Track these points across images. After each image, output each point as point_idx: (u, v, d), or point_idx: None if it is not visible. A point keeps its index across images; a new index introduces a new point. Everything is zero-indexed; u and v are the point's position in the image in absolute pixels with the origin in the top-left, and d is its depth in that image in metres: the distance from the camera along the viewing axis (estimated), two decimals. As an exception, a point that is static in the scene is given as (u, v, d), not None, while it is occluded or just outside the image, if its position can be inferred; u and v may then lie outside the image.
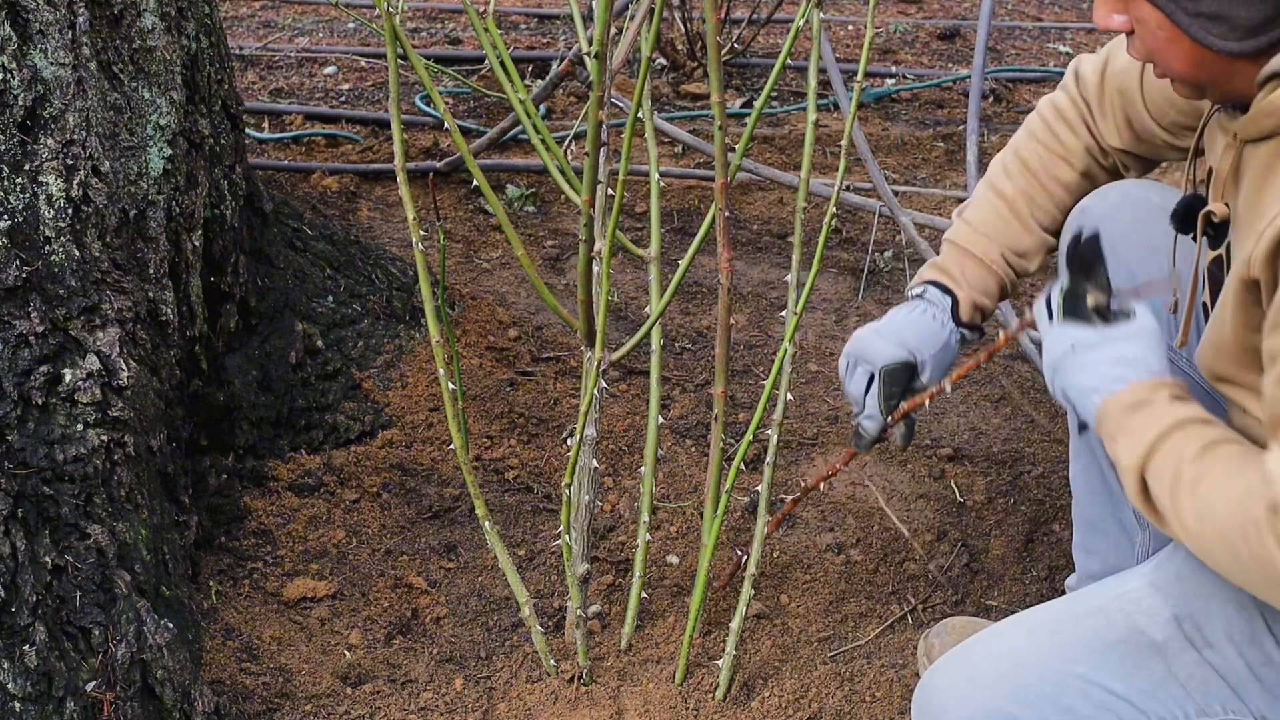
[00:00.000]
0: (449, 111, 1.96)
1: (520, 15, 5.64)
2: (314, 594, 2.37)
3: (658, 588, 2.42)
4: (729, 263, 1.89)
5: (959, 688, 1.57)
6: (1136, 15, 1.47)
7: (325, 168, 3.80)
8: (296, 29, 5.40)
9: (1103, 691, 1.51)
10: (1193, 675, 1.51)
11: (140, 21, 2.33)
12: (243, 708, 2.12)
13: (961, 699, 1.56)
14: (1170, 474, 1.44)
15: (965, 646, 1.63)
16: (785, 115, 4.64)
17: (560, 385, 2.99)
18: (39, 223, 2.06)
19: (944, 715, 1.57)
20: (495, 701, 2.19)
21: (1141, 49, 1.50)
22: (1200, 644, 1.51)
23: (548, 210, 3.84)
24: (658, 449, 2.18)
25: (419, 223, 1.99)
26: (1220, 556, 1.41)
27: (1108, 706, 1.51)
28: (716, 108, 1.79)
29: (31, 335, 2.01)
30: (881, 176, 3.35)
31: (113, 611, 1.98)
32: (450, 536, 2.56)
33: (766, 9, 4.94)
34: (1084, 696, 1.51)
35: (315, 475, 2.63)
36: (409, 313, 2.99)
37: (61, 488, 2.00)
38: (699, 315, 3.35)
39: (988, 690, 1.54)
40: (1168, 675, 1.51)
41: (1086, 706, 1.51)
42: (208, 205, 2.57)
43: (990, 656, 1.59)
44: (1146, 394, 1.49)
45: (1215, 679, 1.51)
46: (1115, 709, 1.51)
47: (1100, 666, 1.51)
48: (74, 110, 2.11)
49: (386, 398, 2.81)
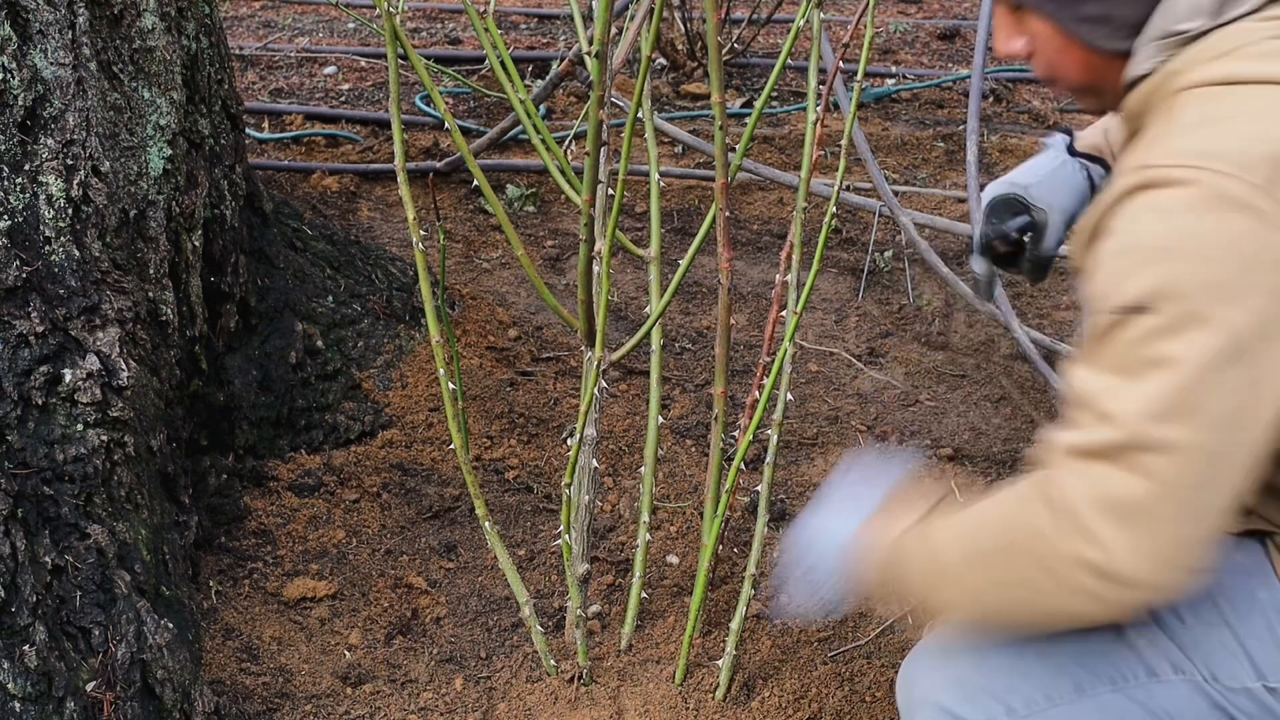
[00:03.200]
0: (449, 111, 1.96)
1: (520, 15, 5.64)
2: (314, 594, 2.37)
3: (658, 588, 2.42)
4: (729, 263, 1.90)
5: (932, 659, 1.63)
6: (1030, 33, 1.51)
7: (325, 168, 3.80)
8: (296, 29, 5.40)
9: (1056, 655, 1.55)
10: (1141, 635, 1.54)
11: (140, 21, 2.33)
12: (243, 708, 2.12)
13: (932, 668, 1.62)
14: (924, 545, 1.53)
15: (942, 628, 1.70)
16: (785, 115, 4.64)
17: (560, 385, 3.00)
18: (39, 223, 2.06)
19: (916, 686, 1.63)
20: (495, 701, 2.19)
21: (1043, 67, 1.54)
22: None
23: (548, 210, 3.84)
24: (658, 449, 2.18)
25: (419, 223, 1.99)
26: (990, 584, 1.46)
27: (1061, 670, 1.55)
28: (717, 108, 1.79)
29: (31, 335, 2.01)
30: (881, 176, 3.35)
31: (113, 611, 1.98)
32: (450, 536, 2.57)
33: (766, 9, 4.94)
34: (1040, 661, 1.55)
35: (315, 475, 2.63)
36: (409, 313, 2.99)
37: (61, 488, 2.00)
38: (699, 315, 3.35)
39: (955, 660, 1.60)
40: (1117, 637, 1.54)
41: (1042, 670, 1.56)
42: (208, 205, 2.57)
43: (960, 631, 1.65)
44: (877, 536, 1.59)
45: (1164, 641, 1.54)
46: (1067, 671, 1.55)
47: (1055, 632, 1.55)
48: (74, 110, 2.11)
49: (386, 398, 2.81)
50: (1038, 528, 1.38)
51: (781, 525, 2.60)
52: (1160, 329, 1.29)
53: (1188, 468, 1.30)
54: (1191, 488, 1.31)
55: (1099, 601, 1.37)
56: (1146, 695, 1.54)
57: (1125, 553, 1.33)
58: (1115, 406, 1.32)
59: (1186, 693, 1.54)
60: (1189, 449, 1.30)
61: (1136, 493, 1.31)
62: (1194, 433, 1.29)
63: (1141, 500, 1.31)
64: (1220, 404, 1.29)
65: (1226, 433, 1.30)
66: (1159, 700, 1.54)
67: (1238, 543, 1.56)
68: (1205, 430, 1.29)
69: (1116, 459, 1.32)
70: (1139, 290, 1.30)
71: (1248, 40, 1.38)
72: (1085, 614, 1.39)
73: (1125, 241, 1.34)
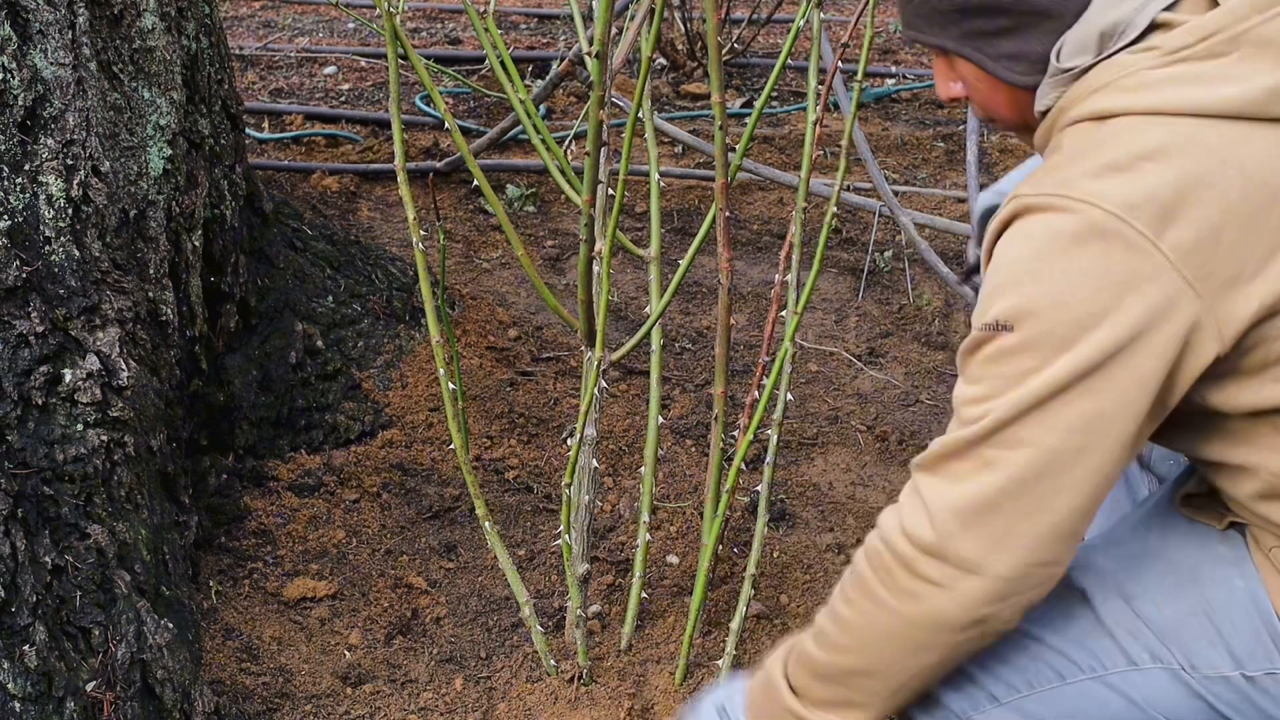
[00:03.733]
0: (449, 111, 1.96)
1: (520, 15, 5.64)
2: (314, 594, 2.37)
3: (658, 588, 2.42)
4: (729, 263, 1.90)
5: None
6: (962, 77, 1.57)
7: (325, 168, 3.80)
8: (296, 29, 5.40)
9: (1036, 643, 1.59)
10: (1120, 624, 1.57)
11: (140, 21, 2.33)
12: (243, 708, 2.12)
13: None
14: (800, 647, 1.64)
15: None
16: (785, 115, 4.64)
17: (560, 385, 3.00)
18: (39, 223, 2.06)
19: None
20: (495, 701, 2.19)
21: (979, 107, 1.60)
22: (1128, 595, 1.57)
23: (548, 210, 3.84)
24: (658, 449, 2.18)
25: (419, 223, 2.00)
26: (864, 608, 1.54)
27: (1041, 657, 1.59)
28: (717, 108, 1.79)
29: (31, 335, 2.01)
30: (881, 176, 3.35)
31: (113, 611, 1.98)
32: (450, 536, 2.57)
33: (766, 9, 4.94)
34: (1020, 648, 1.59)
35: (315, 475, 2.63)
36: (409, 313, 2.99)
37: (61, 488, 2.00)
38: (699, 315, 3.35)
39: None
40: (1097, 624, 1.58)
41: (1022, 658, 1.59)
42: (208, 205, 2.57)
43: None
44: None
45: (1143, 629, 1.56)
46: (1047, 659, 1.59)
47: (1036, 620, 1.58)
48: (74, 110, 2.11)
49: (386, 398, 2.81)
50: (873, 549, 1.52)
51: (781, 525, 2.60)
52: (1016, 347, 1.39)
53: (1030, 465, 1.40)
54: (1032, 482, 1.40)
55: (947, 592, 1.45)
56: (1126, 683, 1.58)
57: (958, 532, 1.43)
58: (973, 412, 1.43)
59: (1165, 681, 1.56)
60: (1034, 448, 1.40)
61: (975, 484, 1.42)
62: (1042, 435, 1.39)
63: (981, 490, 1.42)
64: (1068, 415, 1.39)
65: (1073, 438, 1.40)
66: (1138, 688, 1.57)
67: (1222, 535, 1.58)
68: (1052, 434, 1.39)
69: (965, 455, 1.43)
70: (1001, 309, 1.40)
71: (1121, 73, 1.43)
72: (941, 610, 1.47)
73: (995, 263, 1.44)
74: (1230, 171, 1.37)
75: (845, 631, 1.57)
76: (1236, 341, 1.40)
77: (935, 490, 1.46)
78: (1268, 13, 1.40)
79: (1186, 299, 1.37)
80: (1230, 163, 1.37)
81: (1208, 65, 1.40)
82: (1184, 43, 1.41)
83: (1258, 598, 1.53)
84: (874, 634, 1.54)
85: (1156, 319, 1.37)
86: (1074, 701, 1.59)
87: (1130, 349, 1.37)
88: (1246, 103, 1.38)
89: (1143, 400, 1.39)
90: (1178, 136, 1.38)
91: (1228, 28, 1.40)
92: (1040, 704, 1.59)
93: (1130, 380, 1.38)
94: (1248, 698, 1.55)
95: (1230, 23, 1.40)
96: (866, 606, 1.53)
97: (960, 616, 1.47)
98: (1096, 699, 1.58)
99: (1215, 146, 1.38)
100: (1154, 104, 1.40)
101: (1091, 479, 1.42)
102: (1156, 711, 1.57)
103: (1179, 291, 1.36)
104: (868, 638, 1.55)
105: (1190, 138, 1.38)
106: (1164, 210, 1.36)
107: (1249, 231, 1.37)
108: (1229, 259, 1.37)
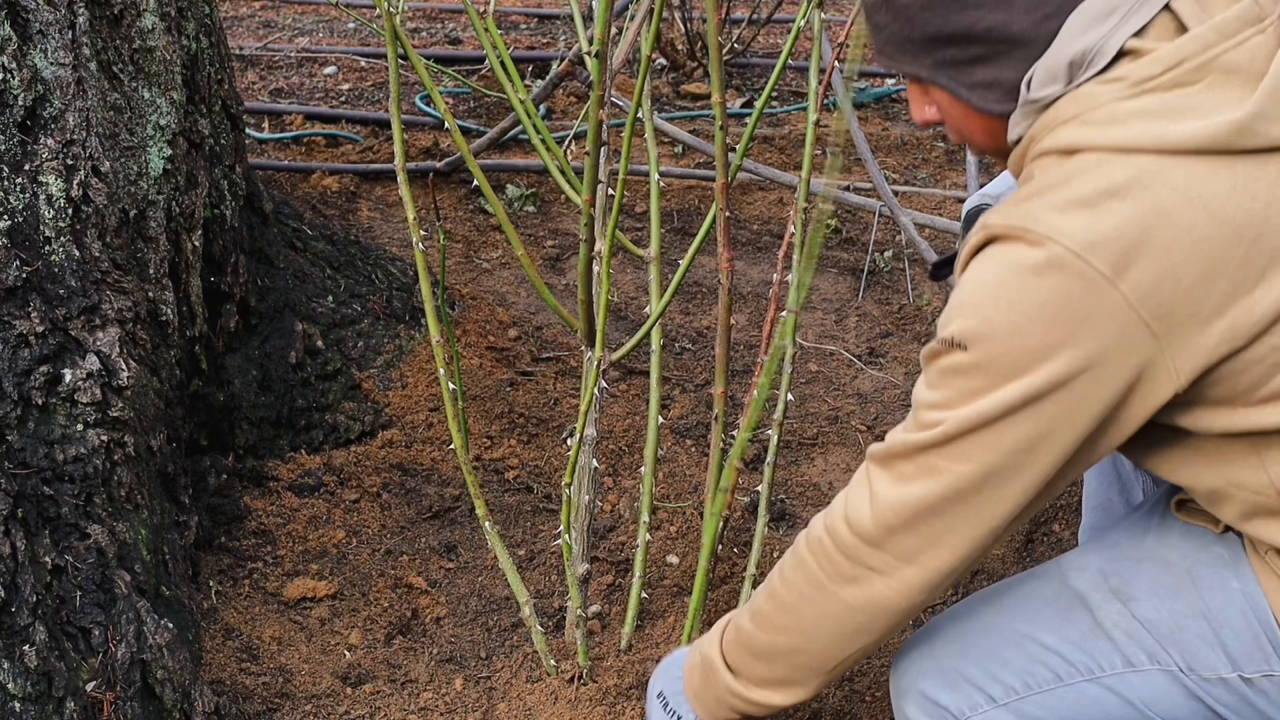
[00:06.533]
0: (449, 111, 1.96)
1: (520, 15, 5.64)
2: (314, 594, 2.37)
3: (658, 588, 2.42)
4: (729, 263, 1.90)
5: (918, 649, 1.69)
6: (936, 103, 1.58)
7: (325, 168, 3.80)
8: (296, 29, 5.40)
9: (1035, 644, 1.61)
10: (1118, 626, 1.58)
11: (140, 21, 2.33)
12: (243, 708, 2.12)
13: (917, 657, 1.68)
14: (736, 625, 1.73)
15: (932, 619, 1.76)
16: (785, 115, 4.64)
17: (560, 385, 3.00)
18: (39, 223, 2.06)
19: (902, 676, 1.69)
20: (495, 701, 2.19)
21: (953, 133, 1.61)
22: (1125, 596, 1.59)
23: (548, 210, 3.84)
24: (658, 449, 2.18)
25: (419, 223, 2.00)
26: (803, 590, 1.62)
27: (1039, 659, 1.60)
28: (717, 108, 1.79)
29: (31, 335, 2.01)
30: (881, 176, 3.35)
31: (113, 611, 1.98)
32: (450, 536, 2.57)
33: (766, 9, 4.94)
34: (1019, 650, 1.61)
35: (315, 475, 2.63)
36: (409, 313, 2.99)
37: (61, 488, 2.00)
38: (699, 315, 3.35)
39: (939, 649, 1.67)
40: (1095, 627, 1.59)
41: (1021, 659, 1.61)
42: (208, 205, 2.57)
43: (946, 621, 1.72)
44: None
45: (1141, 631, 1.57)
46: (1045, 660, 1.60)
47: (1035, 621, 1.61)
48: (74, 110, 2.11)
49: (386, 398, 2.81)
50: (815, 535, 1.60)
51: (781, 525, 2.60)
52: (969, 366, 1.44)
53: (972, 479, 1.47)
54: (972, 493, 1.47)
55: (886, 579, 1.53)
56: (1124, 685, 1.59)
57: (898, 528, 1.51)
58: (929, 417, 1.48)
59: (1163, 682, 1.57)
60: (977, 464, 1.46)
61: (920, 488, 1.49)
62: (985, 453, 1.45)
63: (924, 495, 1.49)
64: (1014, 436, 1.44)
65: (1016, 457, 1.45)
66: (1136, 690, 1.59)
67: (1219, 537, 1.58)
68: (995, 453, 1.45)
69: (914, 459, 1.49)
70: (959, 328, 1.44)
71: (1090, 105, 1.43)
72: (880, 595, 1.55)
73: (963, 281, 1.48)
74: (1195, 210, 1.38)
75: (784, 612, 1.62)
76: (1197, 378, 1.41)
77: (883, 486, 1.52)
78: (1234, 38, 1.40)
79: (1142, 338, 1.39)
80: (1195, 201, 1.38)
81: (1175, 95, 1.40)
82: (1151, 73, 1.41)
83: (1255, 600, 1.54)
84: (813, 615, 1.60)
85: (1109, 354, 1.39)
86: (1072, 703, 1.60)
87: (1081, 379, 1.41)
88: (1211, 138, 1.38)
89: (1088, 424, 1.44)
90: (1144, 174, 1.39)
91: (1194, 56, 1.40)
92: (1038, 705, 1.60)
93: (1078, 405, 1.42)
94: (1245, 699, 1.55)
95: (1197, 50, 1.40)
96: (807, 589, 1.59)
97: (899, 602, 1.54)
98: (1094, 700, 1.59)
99: (1180, 185, 1.38)
100: (1121, 140, 1.40)
101: (1029, 491, 1.48)
102: (1154, 713, 1.58)
103: (1135, 330, 1.38)
104: (807, 619, 1.60)
105: (1156, 175, 1.38)
106: (1126, 249, 1.37)
107: (1211, 270, 1.38)
108: (1189, 298, 1.38)
